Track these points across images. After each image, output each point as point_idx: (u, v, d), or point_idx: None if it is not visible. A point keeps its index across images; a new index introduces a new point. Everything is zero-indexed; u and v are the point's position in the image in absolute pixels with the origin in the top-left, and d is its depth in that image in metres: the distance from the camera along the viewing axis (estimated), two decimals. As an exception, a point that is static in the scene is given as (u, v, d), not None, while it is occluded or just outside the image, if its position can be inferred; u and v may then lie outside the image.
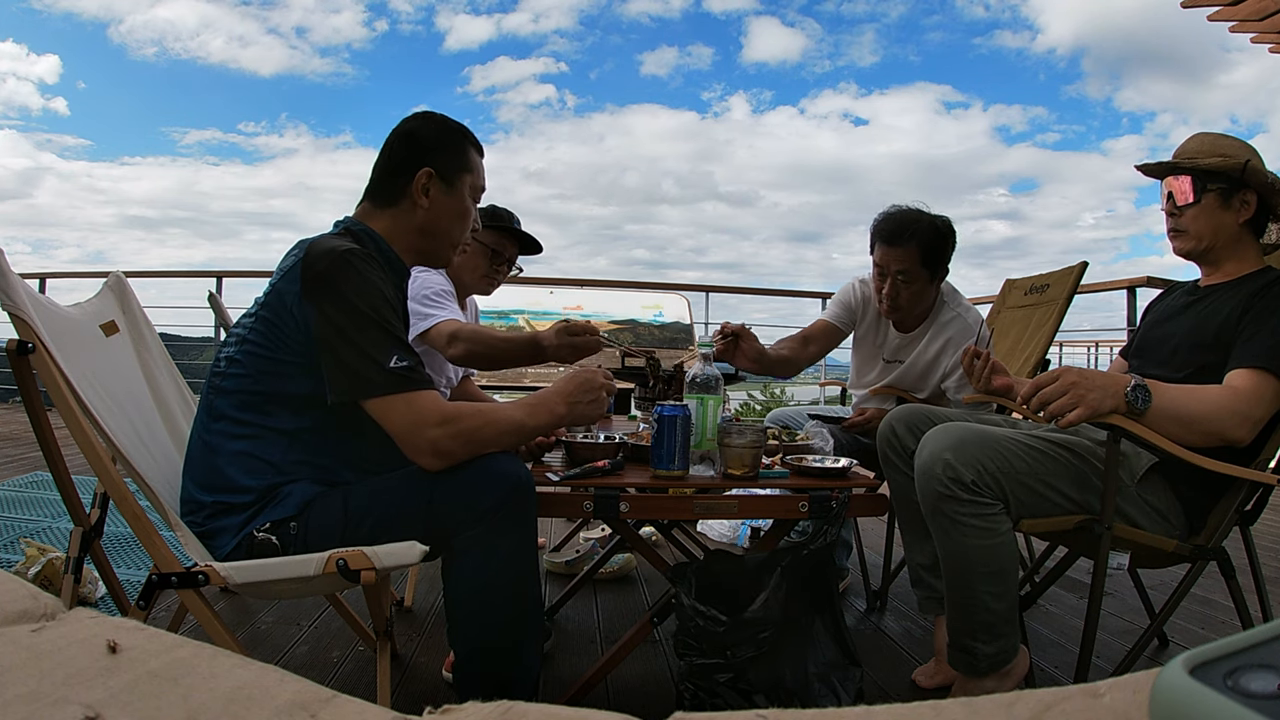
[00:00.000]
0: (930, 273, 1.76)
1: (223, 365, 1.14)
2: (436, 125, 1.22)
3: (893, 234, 1.73)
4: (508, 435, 1.11)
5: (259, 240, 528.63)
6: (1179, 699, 0.23)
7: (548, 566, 2.20)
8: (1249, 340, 1.24)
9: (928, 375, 1.87)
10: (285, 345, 1.08)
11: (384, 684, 1.26)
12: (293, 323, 1.07)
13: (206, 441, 1.12)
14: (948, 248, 1.76)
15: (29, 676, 0.29)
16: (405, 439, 1.04)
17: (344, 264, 1.05)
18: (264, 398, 1.11)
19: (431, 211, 1.20)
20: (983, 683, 1.28)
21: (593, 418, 1.20)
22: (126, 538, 2.30)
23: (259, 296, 1.16)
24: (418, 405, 1.03)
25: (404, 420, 1.03)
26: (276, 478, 1.10)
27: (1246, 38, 4.25)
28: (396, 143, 1.21)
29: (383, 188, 1.21)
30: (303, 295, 1.05)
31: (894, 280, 1.75)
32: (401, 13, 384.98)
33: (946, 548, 1.28)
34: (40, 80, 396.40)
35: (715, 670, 1.19)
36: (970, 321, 1.81)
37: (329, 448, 1.14)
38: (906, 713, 0.28)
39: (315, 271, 1.05)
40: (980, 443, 1.25)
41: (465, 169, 1.23)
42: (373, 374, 1.02)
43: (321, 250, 1.07)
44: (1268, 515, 1.59)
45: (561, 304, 4.14)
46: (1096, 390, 1.17)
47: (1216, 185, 1.33)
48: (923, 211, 1.76)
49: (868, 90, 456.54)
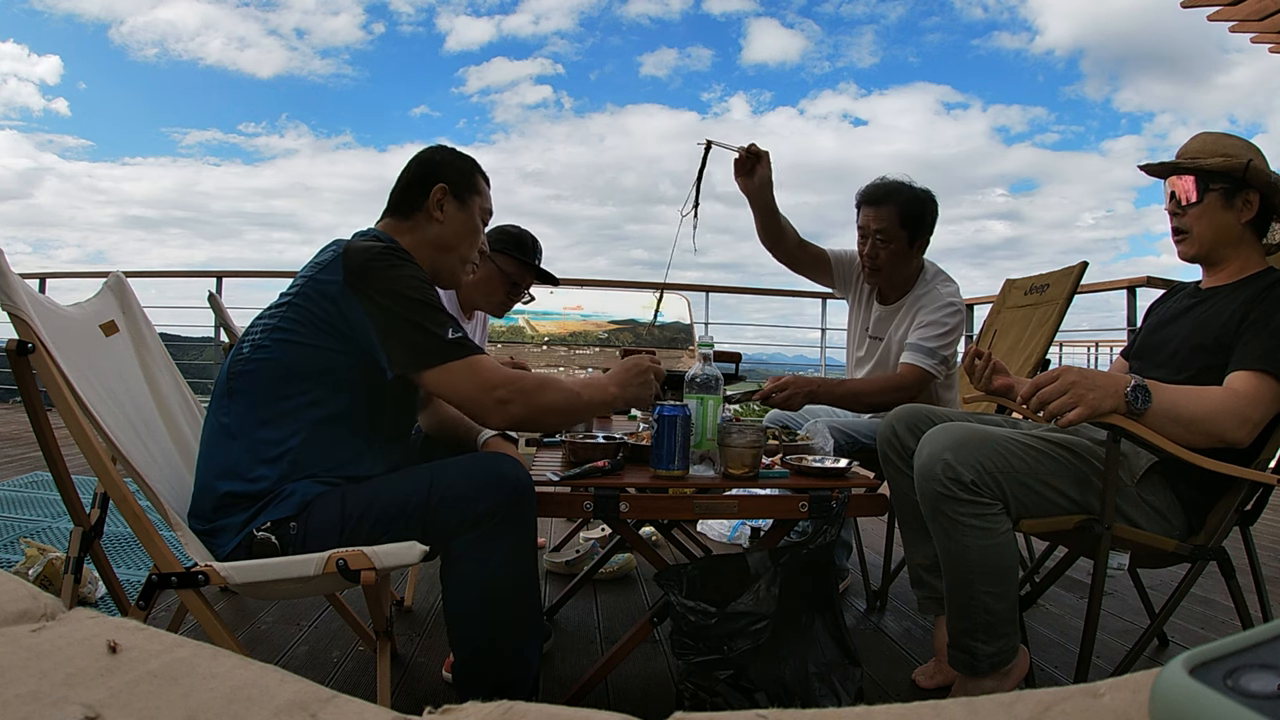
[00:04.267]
0: (909, 234, 1.81)
1: (246, 351, 1.15)
2: (448, 152, 1.32)
3: (872, 195, 1.83)
4: (565, 401, 1.18)
5: (259, 240, 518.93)
6: (1179, 699, 0.23)
7: (548, 566, 2.20)
8: (1249, 342, 1.24)
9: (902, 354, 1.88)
10: (318, 330, 1.12)
11: (384, 684, 1.26)
12: (332, 310, 1.11)
13: (225, 426, 1.14)
14: (926, 214, 1.82)
15: (29, 676, 0.29)
16: (473, 401, 1.11)
17: (389, 254, 1.14)
18: (294, 376, 1.13)
19: (446, 226, 1.27)
20: (982, 683, 1.28)
21: (643, 399, 1.26)
22: (126, 538, 2.30)
23: (285, 291, 1.19)
24: (478, 369, 1.11)
25: (469, 384, 1.10)
26: (290, 468, 1.11)
27: (1246, 38, 4.25)
28: (413, 165, 1.30)
29: (401, 202, 1.28)
30: (348, 285, 1.10)
31: (874, 240, 1.82)
32: (402, 14, 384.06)
33: (946, 548, 1.28)
34: (41, 81, 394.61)
35: (714, 667, 1.19)
36: (943, 294, 1.83)
37: (346, 440, 1.16)
38: (906, 713, 0.28)
39: (361, 262, 1.11)
40: (980, 443, 1.24)
41: (475, 190, 1.31)
42: (433, 345, 1.09)
43: (364, 245, 1.14)
44: (1268, 515, 1.59)
45: (561, 304, 4.15)
46: (1096, 390, 1.17)
47: (1219, 185, 1.33)
48: (904, 181, 1.84)
49: (867, 91, 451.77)
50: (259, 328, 1.17)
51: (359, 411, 1.16)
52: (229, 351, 1.84)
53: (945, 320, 1.81)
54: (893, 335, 1.92)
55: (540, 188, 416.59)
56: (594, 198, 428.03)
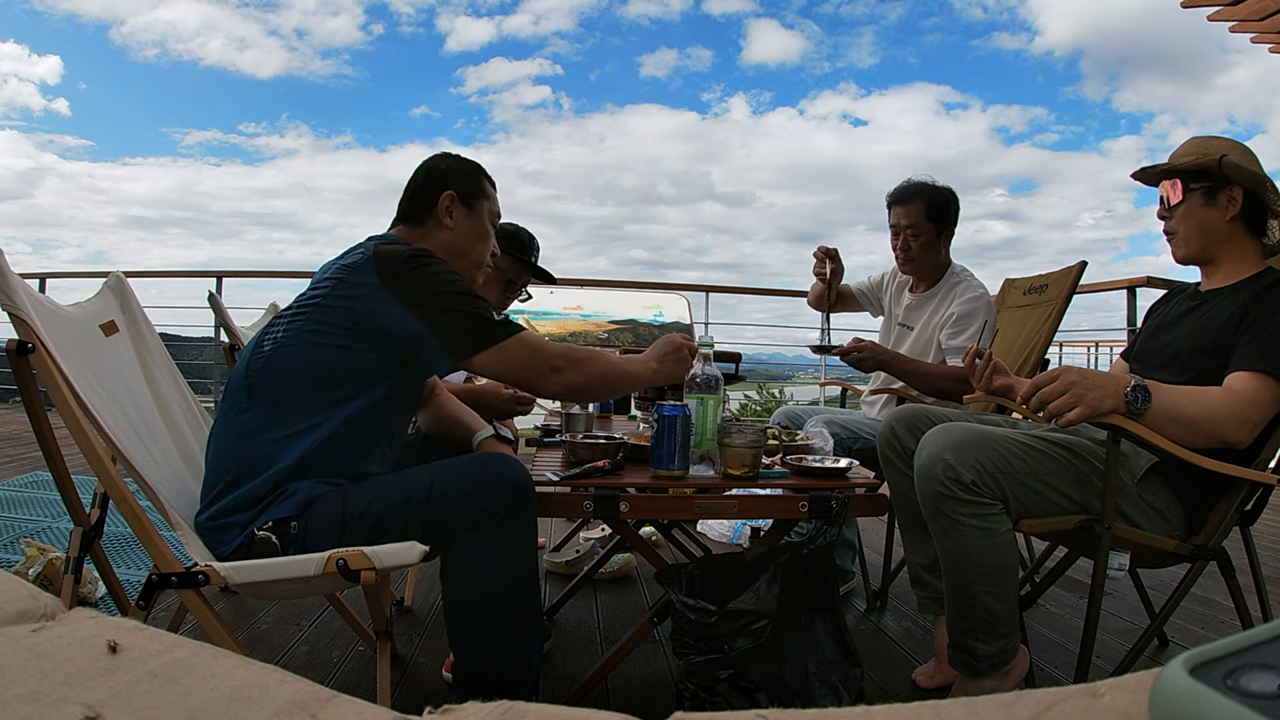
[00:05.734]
0: (936, 226, 1.99)
1: (268, 349, 1.16)
2: (453, 159, 1.35)
3: (901, 194, 2.02)
4: (613, 370, 1.26)
5: (259, 240, 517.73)
6: (1179, 699, 0.23)
7: (548, 566, 2.20)
8: (1249, 343, 1.24)
9: (934, 342, 2.01)
10: (348, 332, 1.14)
11: (384, 684, 1.26)
12: (365, 312, 1.14)
13: (240, 422, 1.14)
14: (949, 207, 2.00)
15: (29, 676, 0.29)
16: (530, 371, 1.18)
17: (422, 253, 1.19)
18: (320, 375, 1.14)
19: (456, 232, 1.30)
20: (982, 683, 1.28)
21: (678, 375, 1.33)
22: (126, 538, 2.30)
23: (312, 291, 1.20)
24: (530, 343, 1.18)
25: (525, 357, 1.17)
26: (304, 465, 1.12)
27: (1246, 38, 4.25)
28: (420, 174, 1.33)
29: (411, 210, 1.31)
30: (386, 287, 1.13)
31: (905, 235, 2.00)
32: (402, 15, 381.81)
33: (946, 548, 1.28)
34: (42, 81, 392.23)
35: (715, 666, 1.19)
36: (974, 284, 1.99)
37: (363, 437, 1.18)
38: (906, 713, 0.28)
39: (399, 264, 1.15)
40: (980, 443, 1.24)
41: (483, 195, 1.34)
42: (485, 328, 1.15)
43: (397, 249, 1.18)
44: (1268, 515, 1.59)
45: (561, 304, 4.14)
46: (1096, 390, 1.17)
47: (1199, 184, 1.33)
48: (927, 181, 2.02)
49: (867, 91, 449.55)
50: (281, 326, 1.18)
51: (378, 410, 1.18)
52: (230, 351, 1.84)
53: (981, 314, 1.94)
54: (926, 323, 2.05)
55: (540, 188, 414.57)
56: (593, 198, 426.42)
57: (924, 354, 2.03)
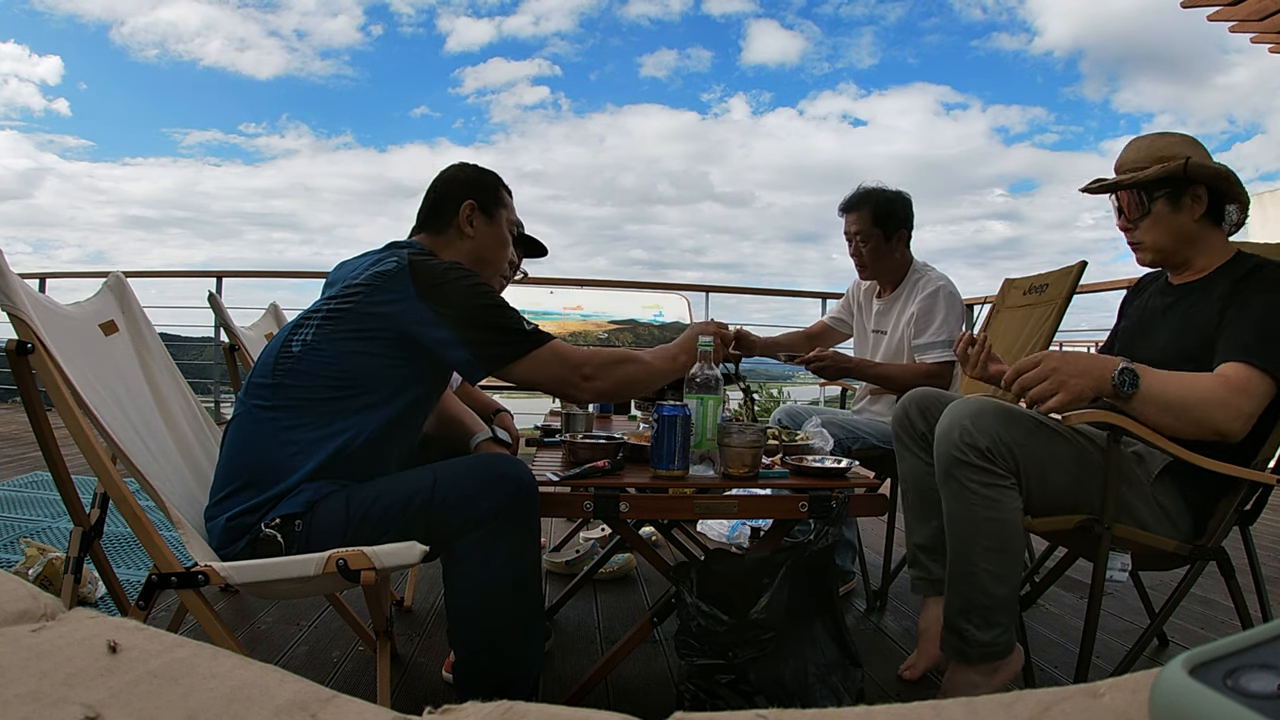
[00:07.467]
0: (884, 231, 2.00)
1: (297, 349, 1.16)
2: (472, 169, 1.38)
3: (848, 203, 2.06)
4: (642, 371, 1.29)
5: (259, 240, 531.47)
6: (1179, 699, 0.23)
7: (548, 566, 2.20)
8: (1232, 336, 1.22)
9: (905, 343, 2.01)
10: (379, 340, 1.15)
11: (384, 684, 1.26)
12: (397, 322, 1.14)
13: (266, 420, 1.14)
14: (896, 210, 2.00)
15: (29, 676, 0.29)
16: (561, 381, 1.21)
17: (456, 266, 1.21)
18: (351, 381, 1.15)
19: (478, 241, 1.33)
20: (970, 673, 1.26)
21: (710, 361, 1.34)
22: (126, 538, 2.30)
23: (343, 295, 1.19)
24: (561, 351, 1.21)
25: (557, 365, 1.20)
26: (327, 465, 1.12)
27: (1246, 38, 4.25)
28: (439, 184, 1.36)
29: (432, 218, 1.33)
30: (422, 299, 1.14)
31: (855, 242, 2.04)
32: (402, 15, 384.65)
33: (952, 512, 1.26)
34: (42, 81, 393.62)
35: (716, 671, 1.19)
36: (933, 277, 2.00)
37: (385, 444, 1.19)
38: (906, 713, 0.28)
39: (434, 276, 1.16)
40: (1000, 415, 1.24)
41: (501, 204, 1.38)
42: (519, 339, 1.18)
43: (431, 262, 1.20)
44: (1268, 515, 1.59)
45: (562, 304, 4.14)
46: (1079, 376, 1.15)
47: (1162, 192, 1.31)
48: (876, 187, 2.04)
49: (866, 91, 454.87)
50: (310, 329, 1.18)
51: (403, 416, 1.20)
52: (230, 351, 1.84)
53: (940, 307, 1.93)
54: (895, 325, 2.06)
55: (539, 188, 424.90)
56: (593, 198, 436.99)
57: (898, 356, 2.03)
